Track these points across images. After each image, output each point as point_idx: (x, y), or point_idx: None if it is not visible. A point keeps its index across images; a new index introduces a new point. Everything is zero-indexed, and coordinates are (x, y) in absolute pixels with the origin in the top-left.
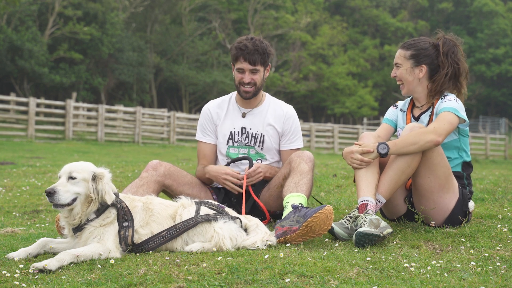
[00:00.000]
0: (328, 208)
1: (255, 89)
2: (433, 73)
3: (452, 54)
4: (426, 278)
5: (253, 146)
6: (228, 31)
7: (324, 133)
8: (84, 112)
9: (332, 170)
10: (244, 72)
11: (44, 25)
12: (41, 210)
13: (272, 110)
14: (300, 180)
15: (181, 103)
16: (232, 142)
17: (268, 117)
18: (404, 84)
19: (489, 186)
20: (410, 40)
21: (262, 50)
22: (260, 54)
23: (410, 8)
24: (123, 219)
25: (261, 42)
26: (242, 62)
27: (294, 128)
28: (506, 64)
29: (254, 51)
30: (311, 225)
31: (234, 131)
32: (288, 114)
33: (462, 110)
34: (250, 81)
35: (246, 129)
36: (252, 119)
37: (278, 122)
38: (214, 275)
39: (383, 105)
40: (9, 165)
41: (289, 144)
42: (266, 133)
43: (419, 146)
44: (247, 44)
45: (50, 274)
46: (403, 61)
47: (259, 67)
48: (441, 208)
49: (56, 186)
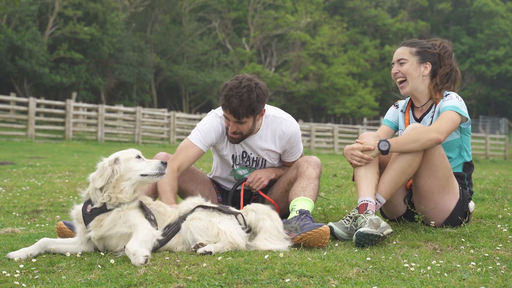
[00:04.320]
0: (324, 228)
1: (242, 137)
2: (434, 73)
3: (450, 57)
4: (426, 278)
5: (254, 168)
6: (228, 31)
7: (324, 133)
8: (84, 112)
9: (332, 170)
10: (230, 121)
11: (44, 25)
12: (41, 210)
13: (271, 133)
14: (308, 184)
15: (181, 103)
16: (235, 165)
17: (267, 142)
18: (408, 80)
19: (489, 186)
20: (410, 39)
21: (249, 103)
22: (247, 108)
23: (410, 8)
24: (148, 212)
25: (251, 93)
26: (228, 113)
27: (295, 144)
28: (506, 64)
29: (239, 107)
30: (305, 239)
31: (236, 155)
32: (288, 133)
33: (464, 108)
34: (236, 131)
35: (246, 153)
36: (251, 145)
37: (278, 144)
38: (214, 275)
39: (383, 105)
40: (9, 165)
41: (291, 157)
42: (267, 157)
43: (421, 144)
44: (234, 97)
45: (50, 274)
46: (408, 57)
47: (245, 119)
48: (441, 209)
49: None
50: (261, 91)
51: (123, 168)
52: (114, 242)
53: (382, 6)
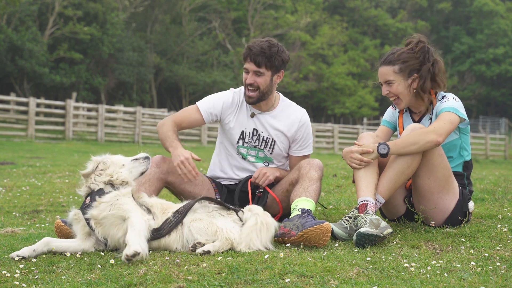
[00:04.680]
0: (325, 225)
1: (259, 94)
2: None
3: (427, 53)
4: (426, 278)
5: (262, 149)
6: (228, 31)
7: (324, 133)
8: (84, 112)
9: (332, 170)
10: (248, 73)
11: (44, 25)
12: (41, 210)
13: (285, 116)
14: (309, 186)
15: (181, 103)
16: (242, 142)
17: (280, 123)
18: (400, 98)
19: (489, 186)
20: (388, 55)
21: (270, 54)
22: (267, 57)
23: (410, 8)
24: (140, 204)
25: (273, 46)
26: (248, 62)
27: (306, 135)
28: (506, 64)
29: (260, 53)
30: (306, 236)
31: (245, 131)
32: (302, 120)
33: (462, 109)
34: (253, 83)
35: (257, 131)
36: (263, 122)
37: (290, 129)
38: (214, 275)
39: (383, 105)
40: (9, 165)
41: (299, 151)
42: (277, 138)
43: (420, 146)
44: (256, 45)
45: (50, 274)
46: (394, 77)
47: (264, 70)
48: (441, 209)
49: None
50: (282, 49)
51: (114, 158)
52: (110, 229)
53: (382, 6)
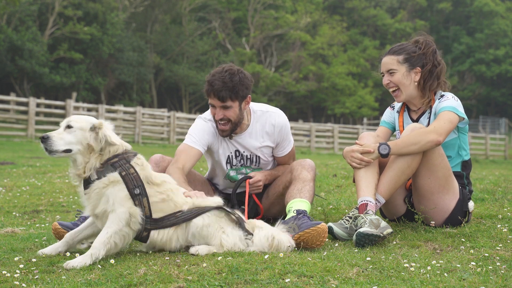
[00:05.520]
0: (322, 226)
1: (231, 125)
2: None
3: (434, 53)
4: (426, 278)
5: (249, 166)
6: (228, 31)
7: (324, 133)
8: (84, 112)
9: (332, 170)
10: (216, 108)
11: (44, 25)
12: (41, 210)
13: (261, 128)
14: (303, 187)
15: (181, 103)
16: (230, 166)
17: (258, 138)
18: (400, 89)
19: (489, 186)
20: (394, 46)
21: (232, 86)
22: (230, 90)
23: (409, 8)
24: (132, 185)
25: (234, 75)
26: (212, 98)
27: (285, 135)
28: (506, 64)
29: (222, 88)
30: (303, 238)
31: (231, 155)
32: (278, 125)
33: (461, 108)
34: (223, 117)
35: (240, 152)
36: (242, 142)
37: (270, 138)
38: (214, 275)
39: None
40: (9, 165)
41: (282, 151)
42: (260, 153)
43: (420, 146)
44: (216, 80)
45: (50, 274)
46: (397, 66)
47: (231, 102)
48: (441, 209)
49: (51, 133)
50: (244, 75)
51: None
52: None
53: (381, 6)
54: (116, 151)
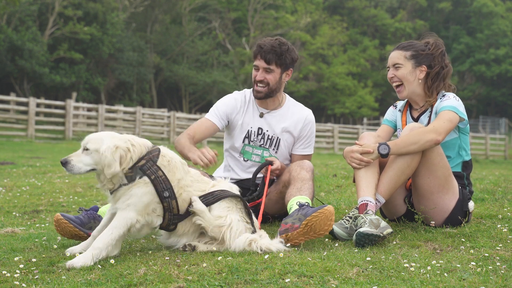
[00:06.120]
0: (328, 208)
1: (268, 89)
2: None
3: (443, 55)
4: (426, 278)
5: (267, 148)
6: (228, 31)
7: (324, 133)
8: (84, 112)
9: (332, 170)
10: (258, 70)
11: (44, 25)
12: (41, 210)
13: (291, 114)
14: (302, 185)
15: (181, 103)
16: (248, 141)
17: (286, 121)
18: (404, 85)
19: (489, 186)
20: (404, 42)
21: (280, 52)
22: (277, 55)
23: (409, 8)
24: (161, 188)
25: (283, 45)
26: (258, 60)
27: (310, 134)
28: (506, 64)
29: (270, 50)
30: (310, 224)
31: (251, 130)
32: (308, 119)
33: (462, 108)
34: (263, 80)
35: (262, 130)
36: (270, 121)
37: (296, 127)
38: (214, 275)
39: (383, 105)
40: (9, 165)
41: (302, 149)
42: (282, 137)
43: (420, 146)
44: (266, 43)
45: (50, 274)
46: (404, 62)
47: (274, 67)
48: (441, 209)
49: (70, 157)
50: (292, 49)
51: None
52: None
53: (381, 6)
54: (141, 153)
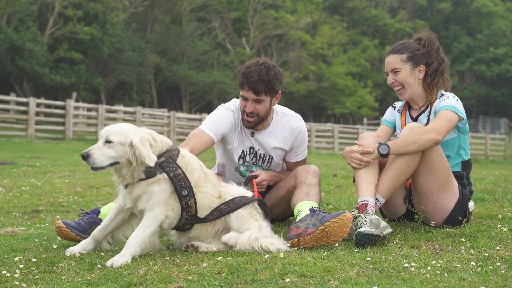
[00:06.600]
0: (346, 215)
1: (258, 119)
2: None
3: (438, 50)
4: (426, 278)
5: (260, 165)
6: (228, 31)
7: (324, 133)
8: (84, 112)
9: (332, 170)
10: (247, 101)
11: (44, 25)
12: (41, 210)
13: (281, 128)
14: (310, 190)
15: (181, 103)
16: (243, 161)
17: (276, 137)
18: (405, 88)
19: (489, 186)
20: (397, 45)
21: (268, 80)
22: (266, 84)
23: (409, 8)
24: (180, 186)
25: (269, 70)
26: (246, 91)
27: (302, 142)
28: (506, 64)
29: (259, 81)
30: (327, 230)
31: (245, 150)
32: (297, 130)
33: (461, 108)
34: (253, 111)
35: (254, 149)
36: (260, 140)
37: (287, 141)
38: (214, 275)
39: (383, 105)
40: (9, 165)
41: (295, 157)
42: (274, 154)
43: (419, 145)
44: (253, 72)
45: (50, 274)
46: (401, 65)
47: (264, 97)
48: (441, 208)
49: (91, 150)
50: (278, 71)
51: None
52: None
53: (382, 6)
54: (161, 149)
